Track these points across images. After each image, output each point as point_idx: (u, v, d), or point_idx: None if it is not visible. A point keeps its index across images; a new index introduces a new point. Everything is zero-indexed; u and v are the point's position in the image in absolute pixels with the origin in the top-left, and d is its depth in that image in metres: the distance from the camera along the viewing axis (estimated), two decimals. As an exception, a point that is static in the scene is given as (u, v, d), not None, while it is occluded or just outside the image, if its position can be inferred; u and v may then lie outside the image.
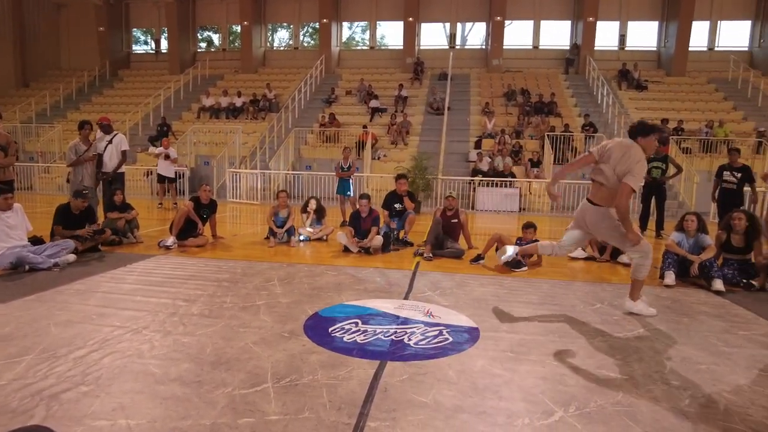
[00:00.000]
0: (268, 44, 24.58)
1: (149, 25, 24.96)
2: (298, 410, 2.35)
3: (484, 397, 2.56)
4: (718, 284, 4.99)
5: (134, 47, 25.54)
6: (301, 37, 24.63)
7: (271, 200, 13.18)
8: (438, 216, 6.73)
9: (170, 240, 6.49)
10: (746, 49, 20.85)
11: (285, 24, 24.72)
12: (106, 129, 7.50)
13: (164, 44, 24.49)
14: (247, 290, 4.48)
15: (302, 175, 14.12)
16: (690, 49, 19.98)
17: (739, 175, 7.97)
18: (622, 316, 4.10)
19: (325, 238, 7.57)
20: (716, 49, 21.13)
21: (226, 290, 4.46)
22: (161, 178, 11.98)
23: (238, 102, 18.91)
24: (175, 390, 2.52)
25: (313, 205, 7.80)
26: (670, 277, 5.23)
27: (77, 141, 7.04)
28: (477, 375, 2.84)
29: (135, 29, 25.28)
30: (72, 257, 5.36)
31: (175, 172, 12.42)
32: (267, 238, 7.20)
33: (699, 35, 20.72)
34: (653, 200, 9.18)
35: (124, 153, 7.58)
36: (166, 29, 23.58)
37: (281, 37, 25.35)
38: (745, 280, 5.23)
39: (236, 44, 24.40)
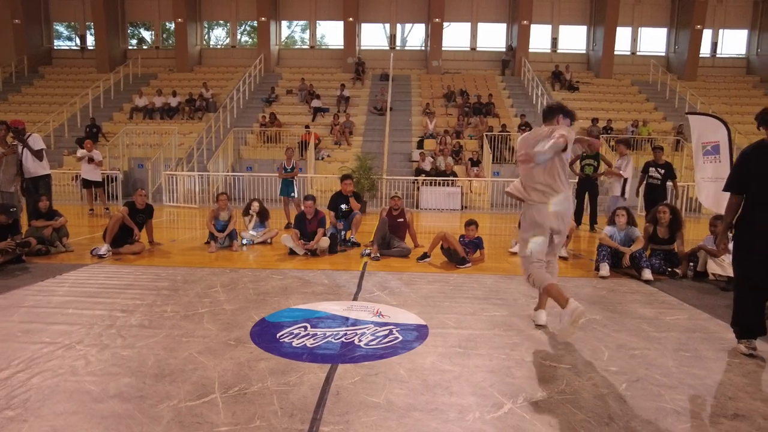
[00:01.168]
0: (204, 42, 23.78)
1: (73, 19, 23.45)
2: (248, 419, 2.29)
3: (435, 394, 2.60)
4: (647, 274, 5.33)
5: (57, 42, 23.91)
6: (239, 36, 23.99)
7: (210, 203, 12.77)
8: (384, 216, 6.77)
9: (104, 248, 6.13)
10: (663, 54, 22.41)
11: (222, 22, 24.00)
12: (19, 135, 6.94)
13: (90, 40, 23.11)
14: (189, 298, 4.31)
15: (243, 176, 13.76)
16: (615, 52, 21.22)
17: (663, 171, 8.53)
18: (562, 307, 4.28)
19: (269, 241, 7.42)
20: (638, 53, 22.57)
21: (166, 299, 4.27)
22: (87, 183, 11.22)
23: (174, 102, 18.16)
24: (115, 407, 2.39)
25: (255, 207, 7.62)
26: (604, 269, 5.53)
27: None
28: (427, 372, 2.88)
29: (57, 23, 23.67)
30: (-9, 270, 4.95)
31: (103, 176, 11.74)
32: (207, 242, 6.96)
33: (623, 40, 22.05)
34: (586, 196, 9.68)
35: (38, 153, 7.03)
36: (92, 24, 22.24)
37: (218, 35, 24.61)
38: (670, 269, 5.62)
39: (170, 42, 23.42)
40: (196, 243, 7.33)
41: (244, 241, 7.22)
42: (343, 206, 7.42)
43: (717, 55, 22.72)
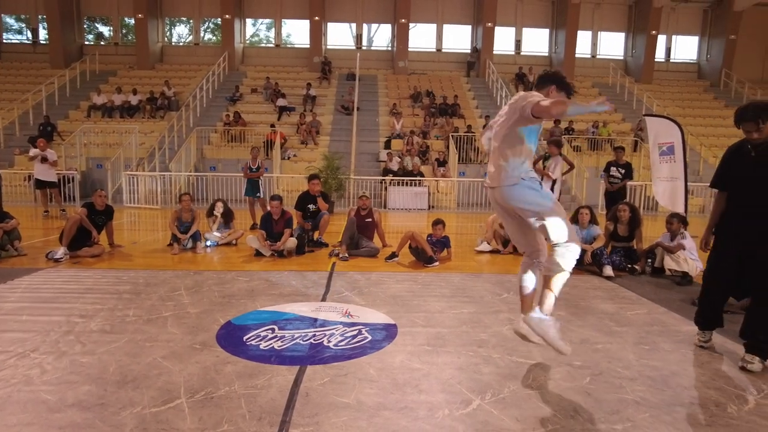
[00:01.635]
0: (166, 39, 23.16)
1: (24, 11, 22.40)
2: (215, 424, 2.24)
3: (404, 393, 2.61)
4: (608, 270, 5.50)
5: (6, 36, 22.80)
6: (202, 33, 23.48)
7: (172, 204, 12.46)
8: (352, 216, 6.75)
9: (60, 251, 5.89)
10: (621, 58, 23.18)
11: (184, 19, 23.43)
12: None
13: (43, 34, 22.15)
14: (152, 301, 4.19)
15: (206, 176, 13.47)
16: (576, 55, 21.83)
17: (623, 171, 8.82)
18: (527, 304, 4.37)
19: (234, 242, 7.29)
20: (598, 56, 23.26)
21: (128, 303, 4.14)
22: (40, 184, 10.74)
23: (134, 100, 17.60)
24: (73, 417, 2.30)
25: (219, 208, 7.46)
26: (566, 266, 5.66)
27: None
28: (397, 371, 2.89)
29: (5, 15, 22.57)
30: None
31: (59, 176, 11.28)
32: (170, 244, 6.78)
33: (583, 43, 22.69)
34: (549, 195, 9.90)
35: None
36: (45, 17, 21.31)
37: (180, 32, 24.01)
38: (629, 266, 5.82)
39: (130, 38, 22.71)
40: (158, 245, 7.13)
41: (208, 243, 7.07)
42: (311, 206, 7.36)
43: (671, 60, 23.66)
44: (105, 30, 23.47)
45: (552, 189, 8.90)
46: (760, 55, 22.83)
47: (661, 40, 22.68)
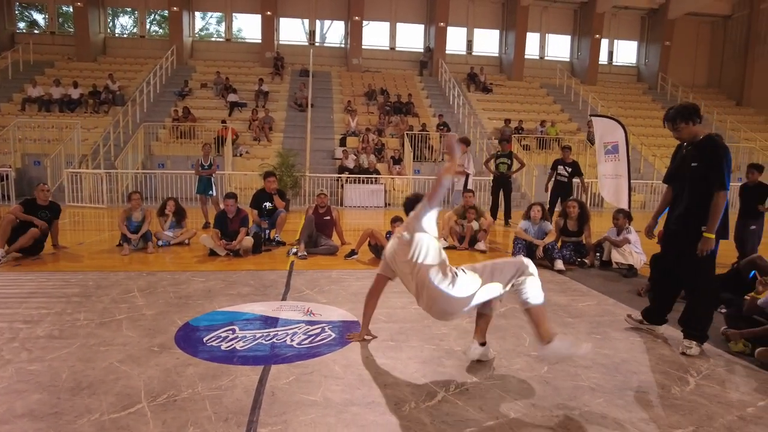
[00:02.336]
0: (109, 30, 22.10)
1: (-53, -3, 20.82)
2: (180, 427, 2.19)
3: (371, 388, 2.64)
4: (559, 264, 5.74)
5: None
6: (148, 25, 22.58)
7: (119, 203, 11.96)
8: (310, 214, 6.71)
9: (-2, 253, 5.54)
10: (568, 59, 24.09)
11: (128, 9, 22.44)
12: None
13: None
14: (104, 304, 4.02)
15: (155, 174, 12.99)
16: (525, 57, 22.49)
17: (570, 169, 9.20)
18: (485, 298, 4.50)
19: (187, 242, 7.08)
20: (546, 58, 24.07)
21: (78, 306, 3.95)
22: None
23: (75, 93, 16.70)
24: (25, 427, 2.18)
25: (171, 206, 7.22)
26: (520, 261, 5.86)
27: None
28: (362, 367, 2.91)
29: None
30: None
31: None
32: (120, 245, 6.52)
33: (532, 45, 23.41)
34: (501, 193, 10.19)
35: None
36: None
37: (124, 23, 23.00)
38: (579, 259, 6.08)
39: (68, 27, 21.52)
40: (106, 245, 6.84)
41: (160, 243, 6.84)
42: (267, 204, 7.25)
43: (613, 63, 24.81)
44: (39, 18, 22.15)
45: (465, 183, 9.07)
46: (691, 61, 24.31)
47: (605, 43, 23.73)
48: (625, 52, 24.92)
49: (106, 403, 2.39)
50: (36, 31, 21.84)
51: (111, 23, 22.38)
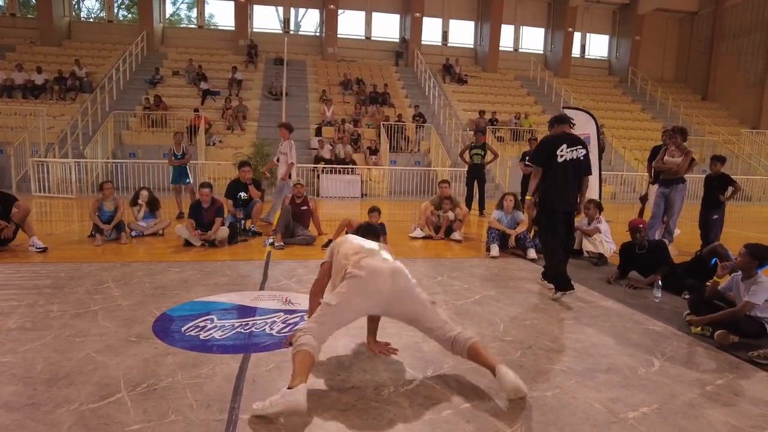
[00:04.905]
0: (74, 14, 21.33)
1: None
2: (162, 415, 2.21)
3: (351, 373, 2.69)
4: (532, 253, 5.88)
5: None
6: (116, 9, 21.89)
7: (89, 193, 11.65)
8: (287, 204, 6.69)
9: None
10: (541, 52, 24.40)
11: (94, -8, 21.72)
12: None
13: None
14: (78, 295, 3.96)
15: (126, 163, 12.69)
16: (500, 48, 22.68)
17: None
18: (461, 285, 4.60)
19: (161, 232, 6.99)
20: (520, 50, 24.32)
21: (50, 297, 3.88)
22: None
23: (39, 79, 16.10)
24: (1, 419, 2.16)
25: (144, 196, 7.10)
26: (494, 249, 6.00)
27: None
28: (342, 353, 2.96)
29: None
30: None
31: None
32: (92, 235, 6.39)
33: (507, 37, 23.63)
34: (475, 183, 10.32)
35: None
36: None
37: (90, 6, 22.24)
38: (550, 248, 6.23)
39: (30, 10, 20.67)
40: (77, 236, 6.69)
41: (133, 233, 6.73)
42: (242, 194, 7.20)
43: (585, 56, 25.23)
44: None
45: (290, 175, 8.32)
46: (660, 56, 24.92)
47: (577, 37, 24.11)
48: (597, 46, 25.40)
49: (84, 393, 2.38)
50: (-4, 14, 20.92)
51: (76, 6, 21.58)
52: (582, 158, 4.40)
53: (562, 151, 4.34)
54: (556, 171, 4.32)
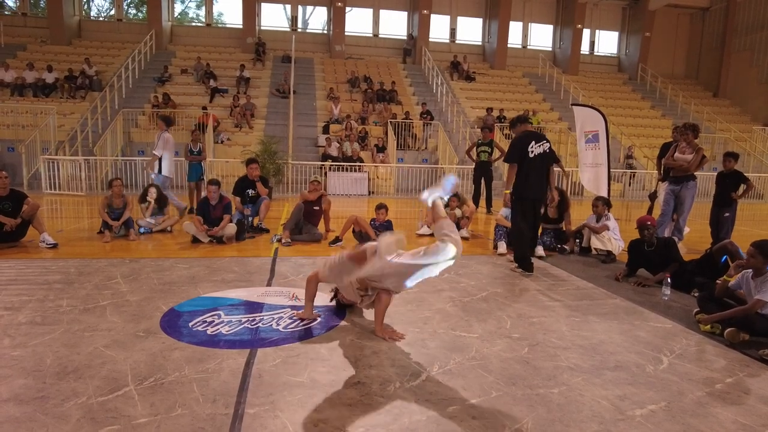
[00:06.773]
0: (84, 13, 21.49)
1: None
2: (168, 408, 2.22)
3: (357, 369, 2.69)
4: (540, 250, 5.85)
5: None
6: (125, 8, 22.02)
7: (98, 190, 11.77)
8: (301, 202, 6.69)
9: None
10: (550, 49, 24.24)
11: (104, -9, 21.86)
12: None
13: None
14: (87, 291, 3.99)
15: (135, 161, 12.78)
16: (508, 46, 22.56)
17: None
18: (468, 282, 4.59)
19: (169, 229, 7.03)
20: (528, 47, 24.18)
21: (60, 293, 3.92)
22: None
23: (50, 78, 16.26)
24: (11, 411, 2.18)
25: (153, 193, 7.15)
26: (501, 247, 5.97)
27: None
28: (348, 349, 2.96)
29: None
30: None
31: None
32: (101, 232, 6.44)
33: (515, 34, 23.49)
34: (483, 181, 10.28)
35: None
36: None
37: (100, 6, 22.38)
38: (559, 246, 6.21)
39: (40, 9, 20.83)
40: (86, 233, 6.75)
41: (142, 230, 6.78)
42: (250, 191, 7.22)
43: (594, 53, 25.04)
44: (10, -1, 21.40)
45: (160, 168, 8.06)
46: (670, 52, 24.67)
47: (586, 33, 23.92)
48: (607, 43, 25.19)
49: (92, 386, 2.40)
50: (7, 13, 21.11)
51: (86, 5, 21.75)
52: (548, 151, 5.14)
53: (532, 147, 5.04)
54: (528, 165, 5.02)
